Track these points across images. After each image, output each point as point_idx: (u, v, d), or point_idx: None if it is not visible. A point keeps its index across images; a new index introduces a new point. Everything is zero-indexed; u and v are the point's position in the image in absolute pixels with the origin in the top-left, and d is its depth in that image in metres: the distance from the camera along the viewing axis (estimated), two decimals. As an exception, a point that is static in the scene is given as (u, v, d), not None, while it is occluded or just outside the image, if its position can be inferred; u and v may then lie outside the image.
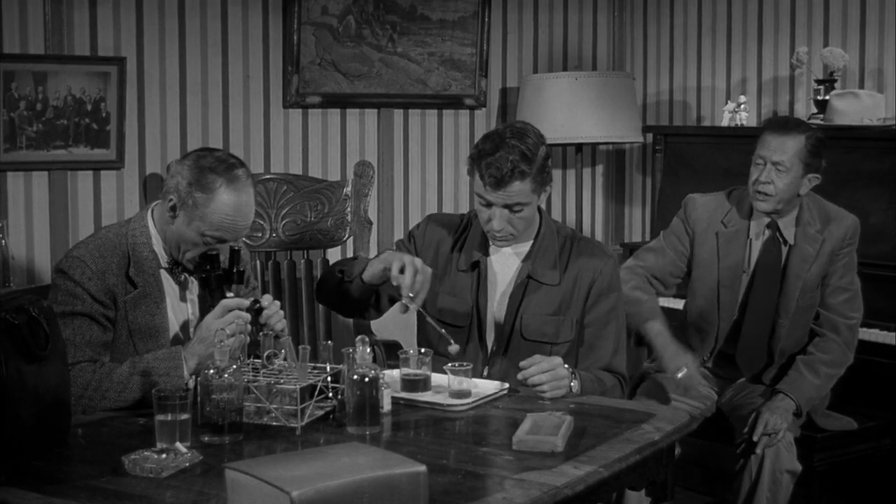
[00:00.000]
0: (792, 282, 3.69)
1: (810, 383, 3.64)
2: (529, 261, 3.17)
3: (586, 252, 3.19)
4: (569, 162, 5.52)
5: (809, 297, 3.71)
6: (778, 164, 3.59)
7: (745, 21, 5.14)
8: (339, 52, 4.71)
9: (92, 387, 2.74)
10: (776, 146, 3.61)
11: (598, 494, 2.44)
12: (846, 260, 3.71)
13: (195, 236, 2.86)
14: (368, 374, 2.59)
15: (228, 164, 2.87)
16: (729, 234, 3.75)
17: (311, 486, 1.95)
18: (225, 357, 2.53)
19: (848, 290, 3.72)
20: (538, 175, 3.05)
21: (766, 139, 3.65)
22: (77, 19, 4.13)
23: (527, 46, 5.37)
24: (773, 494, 3.52)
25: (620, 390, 3.17)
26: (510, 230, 3.10)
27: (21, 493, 2.20)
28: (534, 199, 3.08)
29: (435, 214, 3.39)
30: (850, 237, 3.71)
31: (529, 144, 3.04)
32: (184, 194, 2.84)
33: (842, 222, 3.71)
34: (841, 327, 3.71)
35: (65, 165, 4.13)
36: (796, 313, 3.71)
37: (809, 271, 3.68)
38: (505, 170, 3.00)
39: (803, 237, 3.69)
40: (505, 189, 3.02)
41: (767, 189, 3.61)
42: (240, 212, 2.86)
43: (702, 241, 3.78)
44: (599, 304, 3.16)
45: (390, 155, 4.96)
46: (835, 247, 3.69)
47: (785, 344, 3.74)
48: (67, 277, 2.85)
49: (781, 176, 3.60)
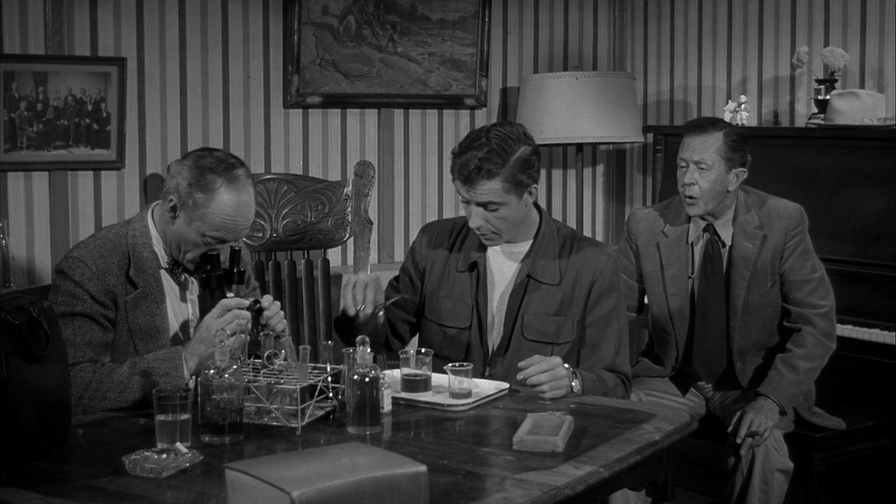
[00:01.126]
0: (736, 282, 3.69)
1: (789, 380, 3.63)
2: (528, 260, 3.17)
3: (586, 252, 3.19)
4: (569, 162, 5.52)
5: (760, 295, 3.70)
6: (699, 164, 3.62)
7: (745, 21, 5.14)
8: (339, 52, 4.71)
9: (92, 387, 2.74)
10: (695, 146, 3.65)
11: (599, 494, 2.44)
12: (798, 250, 3.68)
13: (195, 236, 2.86)
14: (368, 374, 2.59)
15: (228, 164, 2.87)
16: (670, 242, 3.77)
17: (311, 486, 1.95)
18: (225, 357, 2.53)
19: (811, 280, 3.69)
20: (512, 176, 3.03)
21: (685, 141, 3.69)
22: (77, 19, 4.13)
23: (527, 46, 5.37)
24: (764, 494, 3.51)
25: (624, 390, 3.17)
26: (490, 228, 3.10)
27: (21, 493, 2.20)
28: (510, 199, 3.06)
29: (428, 224, 3.43)
30: (793, 228, 3.68)
31: (505, 144, 3.03)
32: (184, 194, 2.84)
33: (782, 214, 3.69)
34: (813, 318, 3.68)
35: (65, 166, 4.13)
36: (748, 313, 3.70)
37: (755, 269, 3.67)
38: (471, 167, 3.01)
39: (742, 235, 3.69)
40: (473, 187, 3.03)
41: (693, 191, 3.63)
42: (240, 212, 2.86)
43: (645, 254, 3.81)
44: (601, 304, 3.16)
45: (390, 155, 4.96)
46: (778, 241, 3.67)
47: (742, 344, 3.73)
48: (67, 278, 2.85)
49: (704, 174, 3.62)
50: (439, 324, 3.23)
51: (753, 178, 3.80)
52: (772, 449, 3.52)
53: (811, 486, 3.81)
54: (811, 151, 4.43)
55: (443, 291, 3.22)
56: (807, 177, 4.39)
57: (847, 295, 4.02)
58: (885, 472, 4.06)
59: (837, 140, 4.35)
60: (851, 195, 4.25)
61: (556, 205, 5.51)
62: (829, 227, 4.20)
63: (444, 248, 3.26)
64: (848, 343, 4.02)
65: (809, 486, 3.81)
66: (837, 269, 3.99)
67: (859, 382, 4.16)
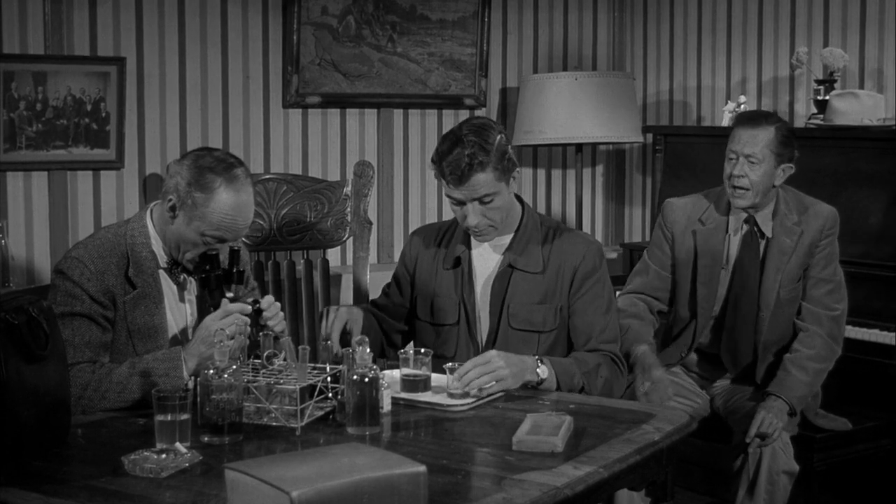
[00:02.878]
0: (771, 275, 3.70)
1: (799, 381, 3.63)
2: (511, 251, 3.20)
3: (569, 240, 3.21)
4: (569, 162, 5.52)
5: (791, 289, 3.72)
6: (750, 157, 3.64)
7: (745, 21, 5.14)
8: (338, 52, 4.71)
9: (91, 387, 2.74)
10: (747, 139, 3.66)
11: (598, 495, 2.43)
12: (827, 251, 3.71)
13: (195, 236, 2.86)
14: (368, 375, 2.59)
15: (227, 164, 2.86)
16: (707, 231, 3.78)
17: (311, 487, 1.95)
18: (225, 357, 2.53)
19: (830, 282, 3.72)
20: (498, 163, 3.07)
21: (736, 134, 3.71)
22: (77, 19, 4.13)
23: (527, 46, 5.37)
24: (769, 495, 3.52)
25: (615, 367, 3.15)
26: (487, 223, 3.13)
27: (21, 493, 2.20)
28: (501, 187, 3.10)
29: (417, 228, 3.47)
30: (828, 228, 3.71)
31: (484, 135, 3.07)
32: (183, 194, 2.84)
33: (819, 213, 3.72)
34: (824, 319, 3.69)
35: (65, 165, 4.13)
36: (778, 306, 3.71)
37: (789, 263, 3.69)
38: (463, 164, 3.04)
39: (781, 229, 3.71)
40: (468, 183, 3.06)
41: (742, 182, 3.65)
42: (239, 211, 2.86)
43: (680, 242, 3.82)
44: (584, 286, 3.18)
45: (390, 155, 4.96)
46: (813, 238, 3.70)
47: (768, 338, 3.74)
48: (66, 278, 2.84)
49: (754, 168, 3.64)
50: (431, 323, 3.26)
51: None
52: (779, 450, 3.53)
53: (812, 486, 3.81)
54: (811, 152, 4.43)
55: (432, 291, 3.25)
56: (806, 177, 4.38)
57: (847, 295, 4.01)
58: (886, 472, 4.05)
59: (837, 140, 4.36)
60: (851, 195, 4.25)
61: (556, 205, 5.51)
62: (829, 228, 4.19)
63: (432, 249, 3.31)
64: (848, 343, 4.01)
65: (810, 487, 3.80)
66: (837, 269, 3.99)
67: (859, 383, 4.16)
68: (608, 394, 3.11)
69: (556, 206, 5.51)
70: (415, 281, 3.31)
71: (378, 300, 3.41)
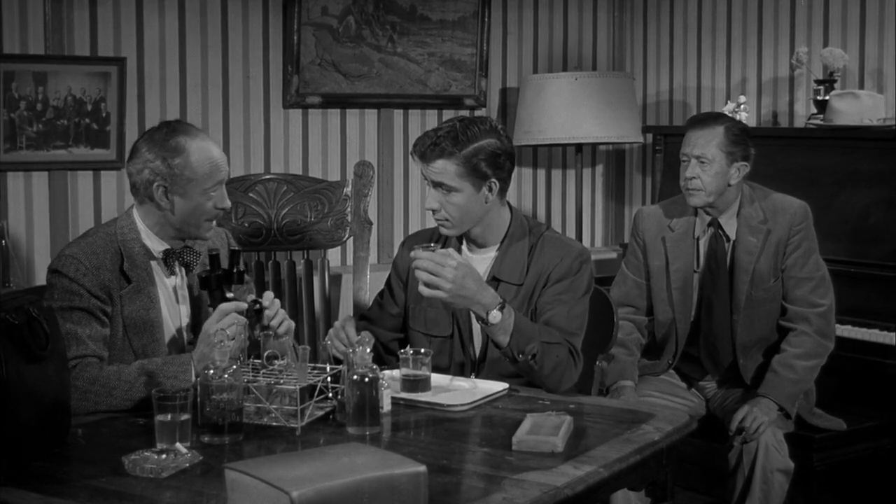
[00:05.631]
0: (740, 276, 3.71)
1: (787, 380, 3.64)
2: (496, 263, 3.15)
3: (550, 248, 3.14)
4: (569, 162, 5.52)
5: (765, 289, 3.71)
6: (700, 158, 3.66)
7: (745, 21, 5.14)
8: (339, 52, 4.71)
9: (100, 383, 2.74)
10: (696, 140, 3.69)
11: (598, 494, 2.44)
12: (802, 247, 3.70)
13: (202, 200, 2.88)
14: (368, 375, 2.59)
15: (173, 126, 2.94)
16: (676, 236, 3.80)
17: (311, 486, 1.95)
18: (225, 357, 2.53)
19: (812, 279, 3.71)
20: (468, 161, 3.01)
21: (687, 136, 3.74)
22: (77, 19, 4.13)
23: (527, 46, 5.37)
24: (764, 494, 3.52)
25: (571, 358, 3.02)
26: (444, 214, 3.08)
27: (21, 493, 2.20)
28: (465, 186, 3.03)
29: (408, 236, 3.45)
30: (797, 223, 3.70)
31: (469, 130, 3.03)
32: (165, 172, 2.86)
33: (787, 209, 3.72)
34: (811, 317, 3.69)
35: (65, 165, 4.13)
36: (750, 307, 3.72)
37: (758, 263, 3.70)
38: (428, 142, 3.03)
39: (746, 230, 3.72)
40: (427, 164, 3.04)
41: (695, 184, 3.67)
42: (215, 150, 2.94)
43: (652, 249, 3.85)
44: (553, 286, 3.10)
45: (390, 155, 4.96)
46: (782, 235, 3.70)
47: (745, 339, 3.74)
48: (63, 275, 2.85)
49: (706, 168, 3.66)
50: (425, 333, 3.21)
51: (753, 179, 3.81)
52: (772, 449, 3.53)
53: (811, 486, 3.81)
54: (810, 152, 4.44)
55: (425, 302, 3.18)
56: (806, 177, 4.39)
57: (846, 295, 4.02)
58: (885, 472, 4.06)
59: (837, 140, 4.36)
60: (851, 195, 4.25)
61: (556, 205, 5.51)
62: (829, 228, 4.20)
63: None
64: (847, 343, 4.03)
65: (809, 487, 3.81)
66: (837, 269, 3.99)
67: (858, 383, 4.16)
68: (557, 379, 2.99)
69: (556, 206, 5.51)
70: (407, 289, 3.26)
71: (370, 313, 3.34)
